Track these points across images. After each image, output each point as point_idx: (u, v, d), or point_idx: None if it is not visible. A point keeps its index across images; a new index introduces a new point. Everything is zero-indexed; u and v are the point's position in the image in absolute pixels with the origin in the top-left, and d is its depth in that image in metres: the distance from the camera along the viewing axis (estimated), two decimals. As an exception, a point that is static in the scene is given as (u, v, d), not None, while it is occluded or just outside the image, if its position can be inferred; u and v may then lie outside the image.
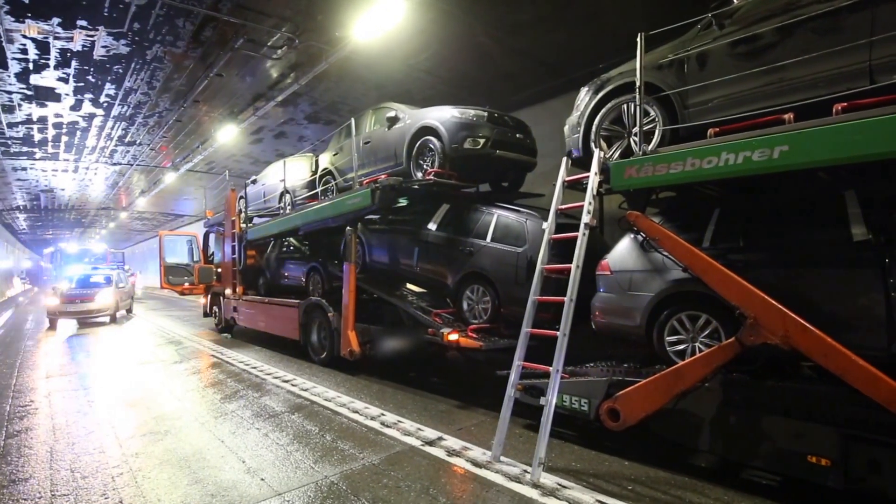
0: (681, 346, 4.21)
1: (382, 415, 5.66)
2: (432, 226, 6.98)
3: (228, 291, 11.88)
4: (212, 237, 14.05)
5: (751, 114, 3.76)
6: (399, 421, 5.44)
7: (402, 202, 7.40)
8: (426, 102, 8.04)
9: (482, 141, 6.48)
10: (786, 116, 3.48)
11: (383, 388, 6.82)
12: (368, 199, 6.78)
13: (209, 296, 13.63)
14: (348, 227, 7.50)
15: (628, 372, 4.46)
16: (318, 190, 9.38)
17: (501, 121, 6.78)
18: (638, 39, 4.35)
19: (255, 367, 8.35)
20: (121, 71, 9.67)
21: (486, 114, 6.68)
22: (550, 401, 4.04)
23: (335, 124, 12.31)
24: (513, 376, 4.41)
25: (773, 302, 3.39)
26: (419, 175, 6.97)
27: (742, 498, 3.62)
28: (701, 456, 4.23)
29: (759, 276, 3.64)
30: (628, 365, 4.71)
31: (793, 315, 3.31)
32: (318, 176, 9.50)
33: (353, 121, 7.98)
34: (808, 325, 3.25)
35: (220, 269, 12.74)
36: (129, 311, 18.92)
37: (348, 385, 7.02)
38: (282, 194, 10.55)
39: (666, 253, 4.14)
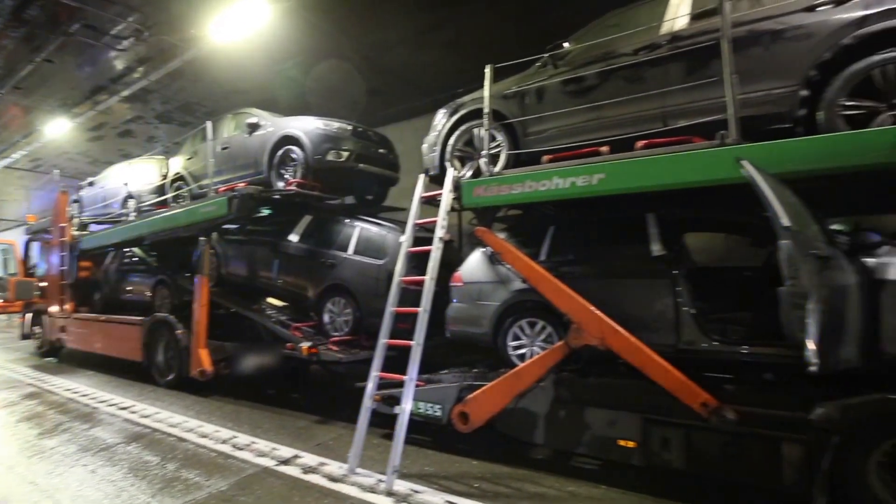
0: (522, 350, 4.43)
1: (235, 437, 5.06)
2: (294, 237, 6.53)
3: (54, 309, 9.83)
4: (35, 246, 11.55)
5: (577, 144, 4.11)
6: (253, 442, 4.91)
7: (264, 212, 6.82)
8: (292, 111, 7.54)
9: (346, 154, 6.26)
10: (602, 149, 3.87)
11: (238, 409, 6.14)
12: (225, 208, 6.11)
13: (29, 314, 11.15)
14: (202, 238, 6.68)
15: (477, 376, 4.56)
16: (169, 196, 8.26)
17: (365, 135, 6.63)
18: (486, 71, 4.55)
19: (85, 395, 6.96)
20: None
21: (350, 127, 6.48)
22: (405, 409, 3.95)
23: (191, 126, 11.00)
24: (369, 387, 4.23)
25: (593, 308, 3.72)
26: (281, 185, 6.48)
27: (570, 483, 3.88)
28: (538, 449, 4.46)
29: (583, 285, 3.96)
30: (477, 370, 4.83)
31: (608, 320, 3.66)
32: (169, 181, 8.37)
33: (210, 124, 7.17)
34: (618, 327, 3.61)
35: (44, 284, 10.50)
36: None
37: (198, 408, 6.18)
38: (125, 199, 9.10)
39: (508, 266, 4.33)
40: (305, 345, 5.58)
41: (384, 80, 8.76)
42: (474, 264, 4.82)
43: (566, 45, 4.36)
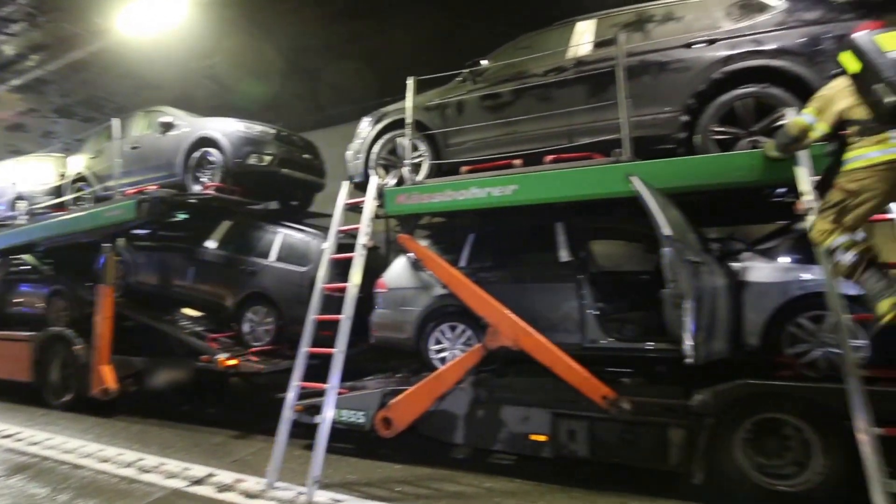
0: (443, 354, 4.60)
1: (141, 459, 4.75)
2: (211, 244, 6.28)
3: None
4: None
5: (493, 157, 4.38)
6: (162, 463, 4.64)
7: (180, 217, 6.49)
8: (211, 112, 7.26)
9: (268, 158, 6.15)
10: (516, 162, 4.17)
11: (146, 429, 5.76)
12: (133, 212, 5.75)
13: None
14: (106, 244, 6.23)
15: (400, 381, 4.67)
16: (69, 198, 7.60)
17: (290, 140, 6.55)
18: (408, 82, 4.72)
19: (-47, 425, 6.18)
20: None
21: (273, 131, 6.37)
22: (326, 418, 3.96)
23: (96, 122, 10.17)
24: (290, 397, 4.19)
25: (507, 312, 3.97)
26: (197, 188, 6.22)
27: (487, 479, 4.08)
28: (458, 449, 4.64)
29: (500, 290, 4.21)
30: (401, 375, 4.94)
31: (521, 322, 3.92)
32: (69, 181, 7.70)
33: (117, 121, 6.73)
34: (530, 329, 3.89)
35: None
36: None
37: (99, 430, 5.72)
38: (14, 200, 8.23)
39: (430, 272, 4.50)
40: (222, 356, 5.39)
41: (310, 84, 8.68)
42: (398, 271, 4.94)
43: (484, 62, 4.63)
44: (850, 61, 2.61)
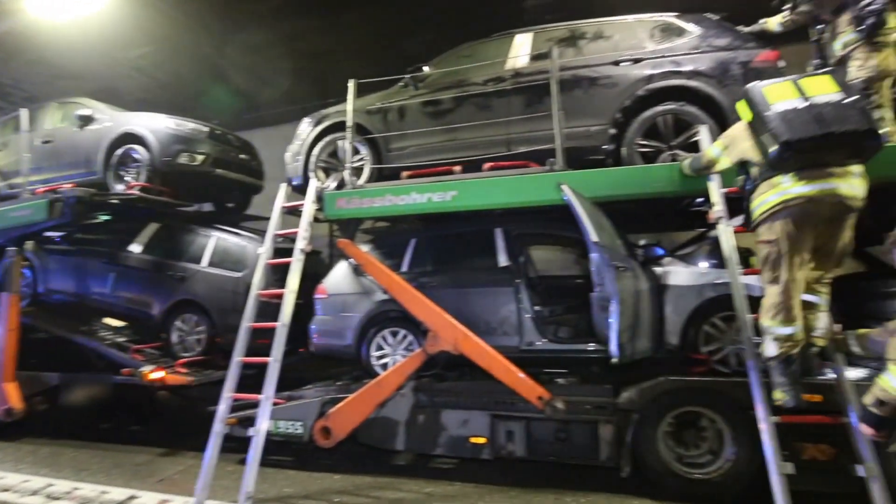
0: (385, 360, 4.59)
1: (51, 485, 4.36)
2: (136, 248, 5.92)
3: None
4: None
5: (434, 162, 4.46)
6: (75, 488, 4.28)
7: (102, 218, 6.05)
8: (139, 106, 6.85)
9: (201, 157, 5.88)
10: (455, 168, 4.27)
11: (58, 451, 5.30)
12: (44, 213, 5.31)
13: None
14: (11, 248, 5.70)
15: (341, 389, 4.61)
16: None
17: (225, 139, 6.30)
18: (349, 85, 4.70)
19: None
20: None
21: (207, 129, 6.11)
22: (260, 430, 3.84)
23: (2, 112, 9.31)
24: (221, 410, 4.03)
25: (447, 316, 4.04)
26: (120, 188, 5.84)
27: (428, 484, 4.13)
28: (399, 456, 4.66)
29: (440, 294, 4.28)
30: (341, 382, 4.88)
31: (460, 326, 4.01)
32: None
33: (26, 112, 6.18)
34: (469, 333, 3.99)
35: None
36: None
37: (0, 455, 5.21)
38: None
39: (371, 277, 4.50)
40: (147, 369, 5.08)
41: (249, 82, 8.40)
42: (339, 276, 4.90)
43: (426, 69, 4.71)
44: (744, 111, 2.82)
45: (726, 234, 3.28)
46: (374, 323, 4.64)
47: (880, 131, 2.45)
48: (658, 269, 3.91)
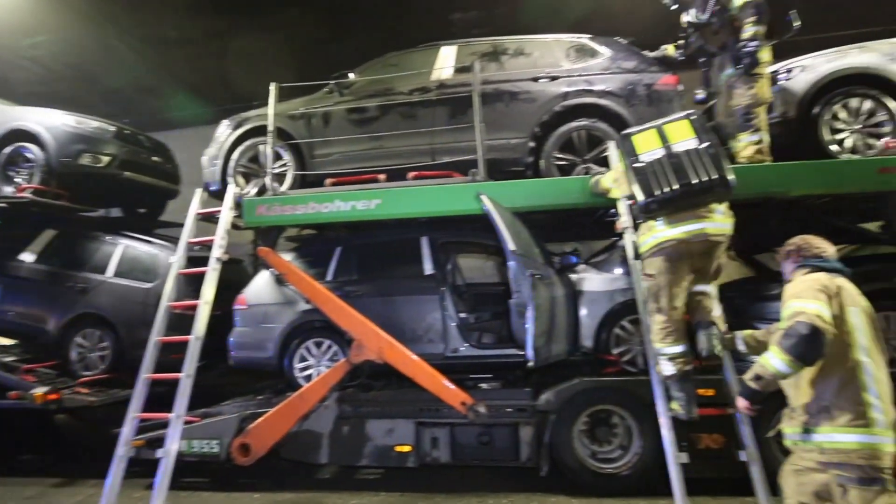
0: (309, 371, 4.51)
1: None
2: (28, 256, 5.41)
3: None
4: None
5: (359, 170, 4.46)
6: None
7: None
8: (33, 99, 6.27)
9: (106, 159, 5.47)
10: (380, 177, 4.29)
11: (-73, 487, 4.71)
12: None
13: None
14: None
15: (261, 403, 4.48)
16: None
17: (135, 139, 5.91)
18: (271, 88, 4.60)
19: None
20: None
21: (114, 128, 5.70)
22: (170, 451, 3.63)
23: None
24: (125, 432, 3.77)
25: (372, 325, 4.05)
26: (9, 190, 5.31)
27: (353, 496, 4.10)
28: (324, 469, 4.59)
29: (366, 303, 4.29)
30: (262, 397, 4.74)
31: (385, 335, 4.03)
32: None
33: None
34: (394, 341, 4.01)
35: None
36: None
37: None
38: None
39: (292, 287, 4.41)
40: (39, 391, 4.63)
41: (164, 80, 7.93)
42: (260, 286, 4.76)
43: (351, 75, 4.71)
44: (619, 160, 3.09)
45: (630, 242, 3.56)
46: (298, 334, 4.55)
47: (730, 177, 2.74)
48: (573, 276, 4.16)
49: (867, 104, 3.86)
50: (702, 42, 3.86)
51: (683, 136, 2.87)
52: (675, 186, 2.72)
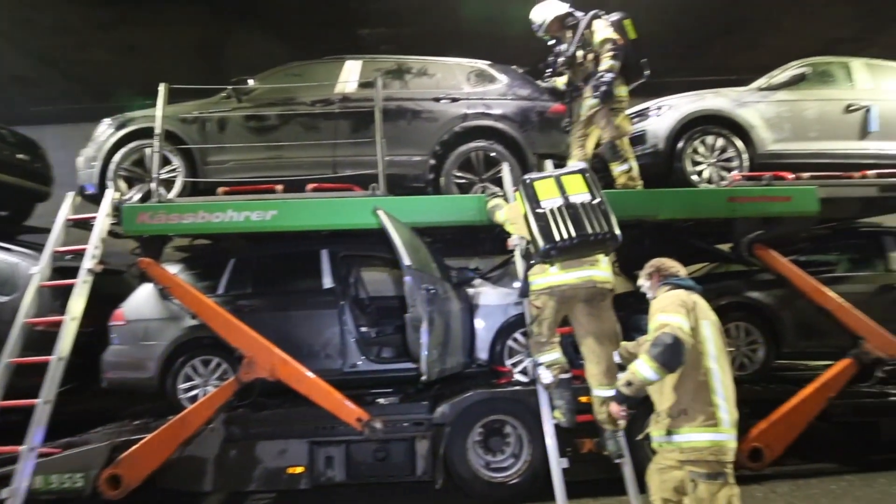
0: (194, 392, 4.27)
1: None
2: None
3: None
4: None
5: (255, 179, 4.34)
6: None
7: None
8: None
9: (-46, 154, 4.84)
10: (277, 187, 4.21)
11: None
12: None
13: None
14: None
15: (137, 429, 4.13)
16: None
17: (-4, 134, 5.30)
18: (160, 88, 4.36)
19: None
20: None
21: (-31, 121, 5.07)
22: (19, 489, 3.25)
23: None
24: (-38, 472, 3.31)
25: (264, 341, 3.92)
26: None
27: (239, 525, 3.91)
28: (209, 497, 4.32)
29: (261, 318, 4.14)
30: (140, 422, 4.38)
31: (278, 351, 3.91)
32: None
33: None
34: (288, 358, 3.91)
35: None
36: None
37: None
38: None
39: (177, 301, 4.16)
40: None
41: (39, 69, 7.15)
42: (140, 300, 4.44)
43: (251, 82, 4.60)
44: (520, 202, 3.26)
45: (520, 259, 3.80)
46: (183, 351, 4.30)
47: (618, 232, 3.01)
48: (470, 291, 4.35)
49: (720, 142, 4.50)
50: (570, 74, 4.21)
51: (578, 190, 3.11)
52: (573, 235, 2.94)
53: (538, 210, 3.06)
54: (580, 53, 4.05)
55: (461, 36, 5.73)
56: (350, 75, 4.67)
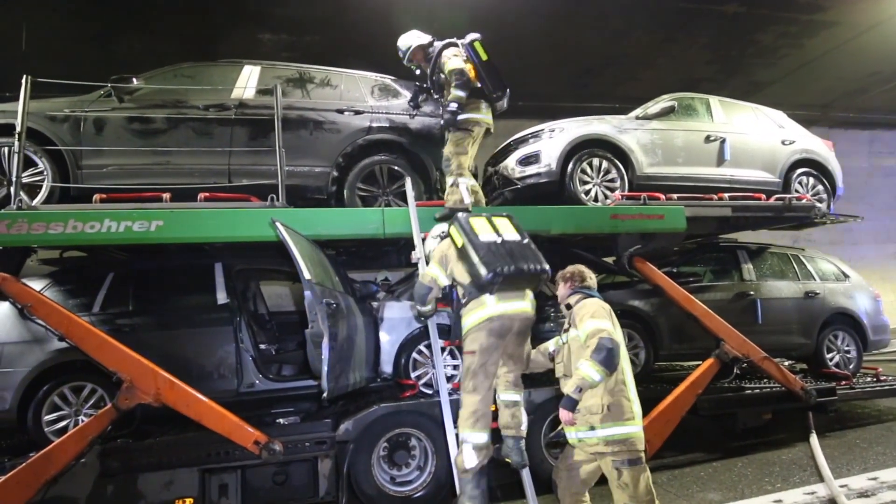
0: (62, 423, 3.92)
1: None
2: None
3: None
4: None
5: (138, 187, 4.10)
6: None
7: None
8: None
9: None
10: (164, 195, 4.01)
11: None
12: None
13: None
14: None
15: (-12, 471, 3.67)
16: None
17: None
18: (24, 81, 3.97)
19: None
20: None
21: None
22: None
23: None
24: None
25: (147, 363, 3.70)
26: None
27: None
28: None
29: (144, 338, 3.91)
30: (-7, 462, 3.90)
31: (163, 373, 3.71)
32: None
33: None
34: (175, 380, 3.72)
35: None
36: None
37: None
38: None
39: (41, 321, 3.79)
40: None
41: None
42: (-5, 321, 3.96)
43: (135, 80, 4.35)
44: (456, 236, 3.35)
45: (423, 269, 3.96)
46: (49, 378, 3.92)
47: (547, 267, 3.25)
48: (374, 304, 4.44)
49: (605, 164, 5.07)
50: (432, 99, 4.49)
51: (509, 230, 3.37)
52: (513, 267, 3.13)
53: (478, 242, 3.21)
54: (442, 79, 4.22)
55: (365, 49, 5.85)
56: (248, 81, 4.59)
